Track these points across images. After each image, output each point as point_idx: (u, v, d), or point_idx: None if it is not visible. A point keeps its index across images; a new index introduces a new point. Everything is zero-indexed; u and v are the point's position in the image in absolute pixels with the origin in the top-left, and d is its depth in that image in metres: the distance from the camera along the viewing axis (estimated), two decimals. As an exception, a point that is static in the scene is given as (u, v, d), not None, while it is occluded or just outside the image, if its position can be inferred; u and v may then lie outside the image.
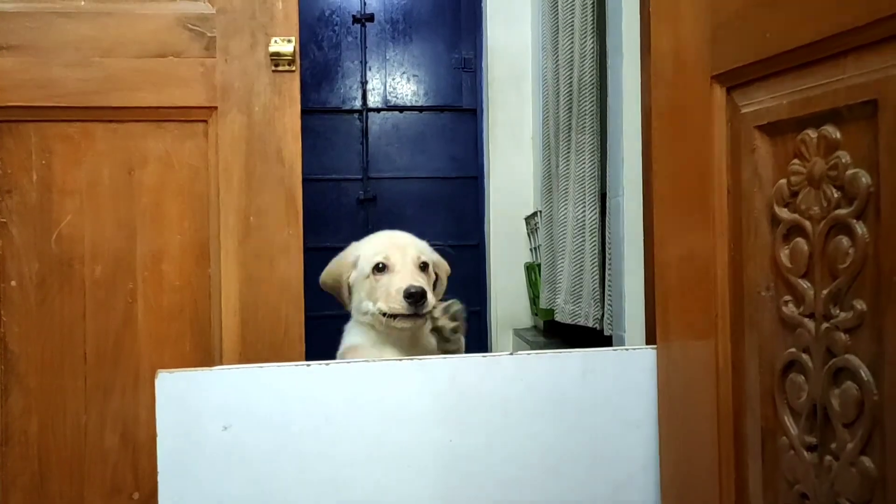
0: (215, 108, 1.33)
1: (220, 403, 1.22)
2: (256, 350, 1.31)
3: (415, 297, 1.33)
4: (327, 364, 1.26)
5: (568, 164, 2.80)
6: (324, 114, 4.08)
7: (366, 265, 1.40)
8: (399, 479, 1.26)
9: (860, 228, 0.90)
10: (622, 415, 1.34)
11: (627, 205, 2.12)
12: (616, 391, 1.34)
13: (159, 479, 1.20)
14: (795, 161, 1.00)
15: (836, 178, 0.93)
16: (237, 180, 1.32)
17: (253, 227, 1.32)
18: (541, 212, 3.26)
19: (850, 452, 0.92)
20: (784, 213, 1.03)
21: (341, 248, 1.52)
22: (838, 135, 0.94)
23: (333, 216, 3.97)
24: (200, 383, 1.21)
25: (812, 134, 0.97)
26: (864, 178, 0.90)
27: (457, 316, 1.42)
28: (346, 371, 1.25)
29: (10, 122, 1.25)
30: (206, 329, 1.30)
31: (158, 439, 1.20)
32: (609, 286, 2.32)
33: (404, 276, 1.38)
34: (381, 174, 4.05)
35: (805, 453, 0.99)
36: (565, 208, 2.82)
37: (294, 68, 1.34)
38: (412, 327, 1.39)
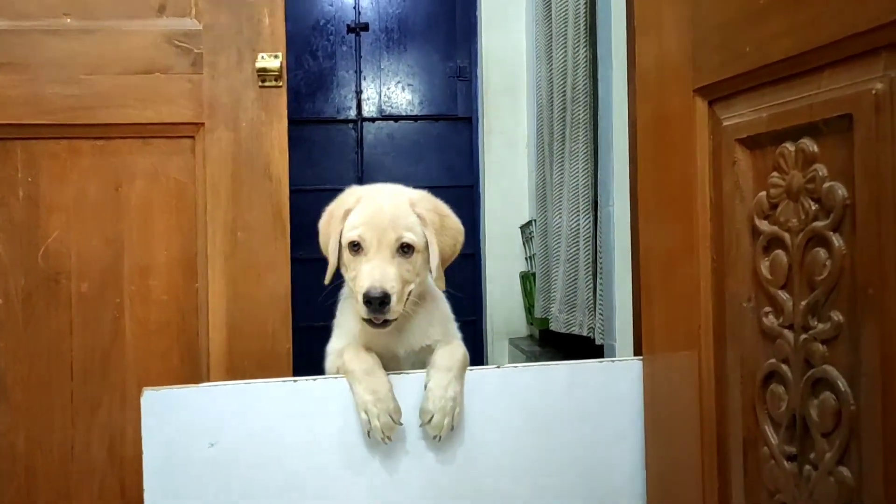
0: (202, 124, 1.36)
1: (207, 420, 1.24)
2: (244, 365, 1.33)
3: (373, 305, 1.19)
4: (314, 379, 1.28)
5: (562, 173, 2.83)
6: (318, 124, 4.10)
7: (346, 235, 1.27)
8: (386, 493, 1.28)
9: (837, 241, 0.93)
10: (609, 426, 1.36)
11: (618, 214, 2.15)
12: (602, 403, 1.36)
13: (145, 496, 1.22)
14: (774, 174, 1.03)
15: (814, 190, 0.96)
16: (224, 196, 1.34)
17: (240, 241, 1.35)
18: (535, 221, 3.29)
19: (829, 462, 0.94)
20: (764, 225, 1.05)
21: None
22: (815, 148, 0.97)
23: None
24: (186, 400, 1.23)
25: (790, 147, 1.00)
26: (841, 191, 0.92)
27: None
28: (332, 387, 1.28)
29: (-5, 139, 1.29)
30: (193, 343, 1.32)
31: (144, 457, 1.22)
32: (601, 295, 2.35)
33: (373, 267, 1.22)
34: (377, 184, 4.04)
35: (785, 463, 1.01)
36: (559, 217, 2.85)
37: (281, 84, 1.37)
38: (387, 332, 1.28)
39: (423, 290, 1.36)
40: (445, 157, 4.10)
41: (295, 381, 1.26)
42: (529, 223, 3.46)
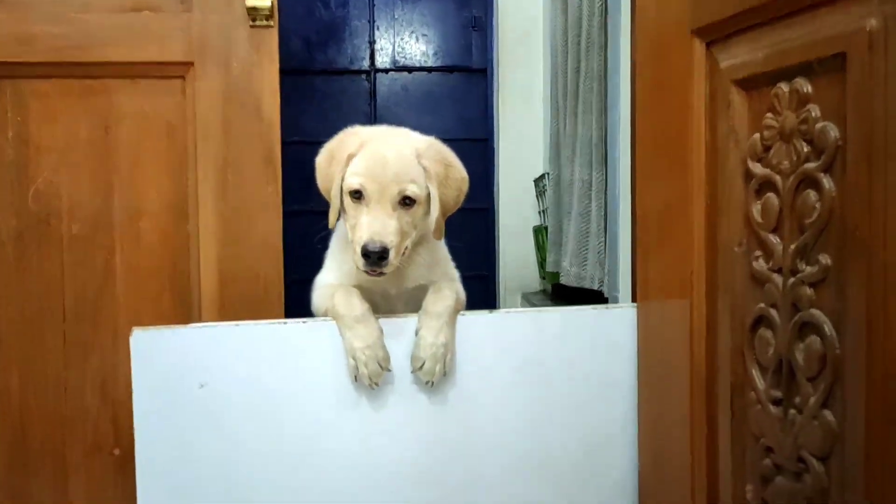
0: (192, 63, 1.36)
1: (197, 361, 1.26)
2: (236, 309, 1.35)
3: (371, 258, 1.20)
4: (304, 322, 1.30)
5: (575, 126, 2.81)
6: (331, 75, 4.08)
7: (347, 181, 1.26)
8: (375, 438, 1.31)
9: (827, 182, 0.93)
10: (602, 374, 1.37)
11: (625, 166, 2.15)
12: (596, 350, 1.37)
13: (136, 436, 1.26)
14: (769, 115, 1.03)
15: (807, 131, 0.96)
16: (215, 138, 1.35)
17: (231, 184, 1.36)
18: (549, 174, 3.28)
19: (813, 406, 0.96)
20: (757, 167, 1.05)
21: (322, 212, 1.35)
22: (809, 88, 0.96)
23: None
24: (176, 341, 1.26)
25: (784, 87, 1.00)
26: (833, 132, 0.92)
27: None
28: (322, 330, 1.29)
29: (-15, 78, 1.29)
30: (185, 287, 1.34)
31: (134, 397, 1.25)
32: (610, 249, 2.37)
33: (373, 220, 1.23)
34: None
35: (771, 407, 1.03)
36: (572, 170, 2.85)
37: (272, 23, 1.37)
38: (381, 280, 1.29)
39: (421, 234, 1.36)
40: (460, 109, 4.06)
41: (285, 323, 1.28)
42: (543, 176, 3.45)
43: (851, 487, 0.90)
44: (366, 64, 4.07)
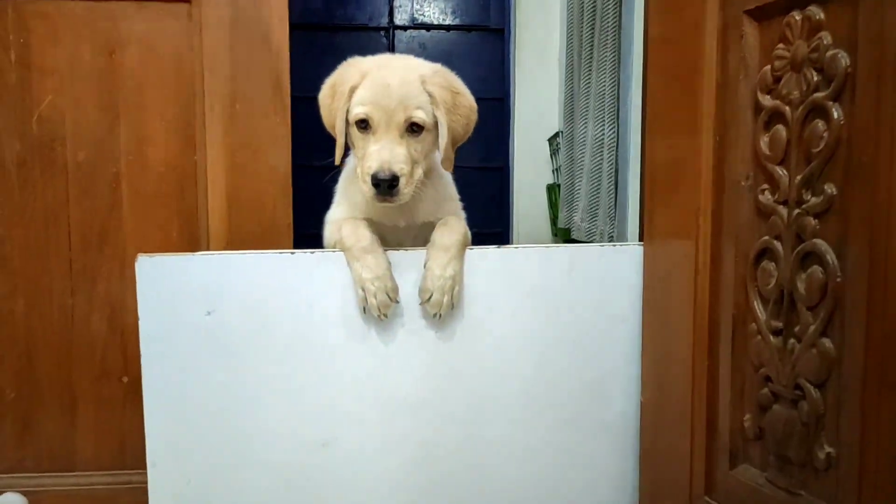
0: (198, -14, 1.36)
1: (204, 288, 1.30)
2: (243, 238, 1.39)
3: (381, 187, 1.22)
4: (312, 253, 1.34)
5: (589, 82, 2.84)
6: (350, 31, 4.12)
7: (352, 112, 1.27)
8: (381, 365, 1.35)
9: (836, 111, 0.96)
10: (608, 309, 1.42)
11: (634, 118, 2.18)
12: (602, 287, 1.41)
13: (142, 362, 1.31)
14: (780, 45, 1.05)
15: (817, 60, 0.99)
16: (222, 65, 1.37)
17: (239, 114, 1.38)
18: (562, 132, 3.31)
19: (812, 334, 1.00)
20: (766, 100, 1.08)
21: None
22: (822, 15, 0.99)
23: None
24: (182, 268, 1.30)
25: (797, 16, 1.02)
26: (843, 60, 0.95)
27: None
28: (330, 261, 1.33)
29: (-14, -2, 1.31)
30: (192, 215, 1.38)
31: (140, 324, 1.29)
32: (619, 203, 2.41)
33: (381, 148, 1.24)
34: None
35: (771, 338, 1.07)
36: (585, 127, 2.89)
37: (281, -54, 1.37)
38: (393, 206, 1.31)
39: (430, 166, 1.37)
40: (477, 68, 4.11)
41: (293, 253, 1.32)
42: (557, 135, 3.49)
43: (847, 412, 0.95)
44: (384, 21, 4.10)
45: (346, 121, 1.30)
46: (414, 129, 1.27)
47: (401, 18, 4.13)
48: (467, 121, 1.35)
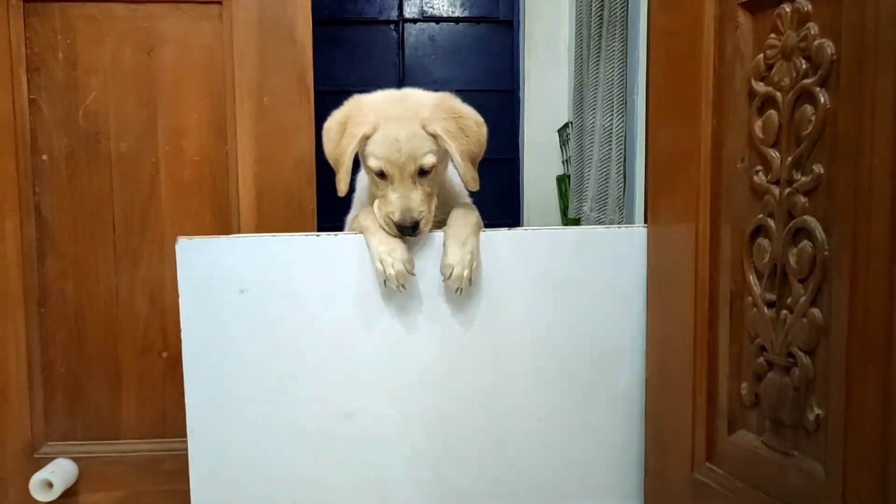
0: (228, -11, 1.44)
1: (237, 269, 1.37)
2: (272, 223, 1.46)
3: (405, 232, 1.36)
4: (335, 235, 1.40)
5: (597, 73, 2.86)
6: (360, 24, 4.14)
7: (369, 162, 1.38)
8: (402, 341, 1.42)
9: (822, 96, 1.01)
10: (614, 289, 1.47)
11: (640, 108, 2.22)
12: (608, 267, 1.46)
13: (182, 337, 1.38)
14: (772, 35, 1.10)
15: (806, 48, 1.03)
16: (251, 61, 1.44)
17: (266, 106, 1.45)
18: (572, 122, 3.32)
19: (803, 305, 1.05)
20: (760, 86, 1.13)
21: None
22: (809, 7, 1.04)
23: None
24: (218, 249, 1.37)
25: (787, 8, 1.07)
26: (829, 48, 0.99)
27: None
28: (352, 243, 1.39)
29: (35, 1, 1.38)
30: (224, 202, 1.45)
31: (181, 301, 1.37)
32: (627, 192, 2.45)
33: (399, 196, 1.37)
34: (417, 87, 4.06)
35: (765, 309, 1.12)
36: (594, 117, 2.91)
37: (305, -50, 1.44)
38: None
39: (440, 180, 1.46)
40: (486, 60, 4.11)
41: (318, 235, 1.39)
42: (566, 126, 3.49)
43: (835, 376, 1.00)
44: (394, 14, 4.12)
45: (357, 160, 1.39)
46: (423, 172, 1.38)
47: (410, 12, 4.14)
48: (477, 138, 1.43)
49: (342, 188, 1.38)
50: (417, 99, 1.44)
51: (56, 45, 1.41)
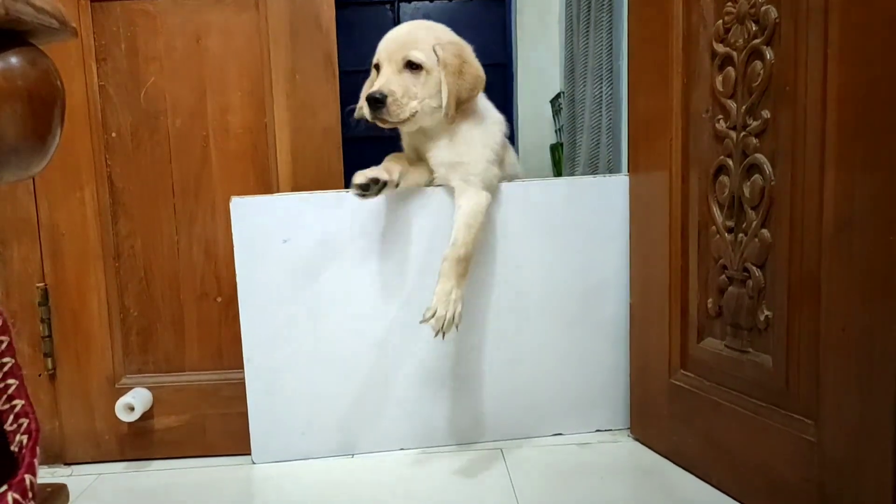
0: (264, -16, 1.55)
1: (280, 222, 1.50)
2: (305, 184, 1.57)
3: (371, 105, 1.32)
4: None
5: (587, 43, 2.88)
6: (357, 5, 4.09)
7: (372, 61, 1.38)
8: (421, 279, 1.54)
9: (769, 53, 1.11)
10: (600, 230, 1.58)
11: (626, 70, 2.29)
12: (596, 212, 1.58)
13: (238, 281, 1.51)
14: (729, 4, 1.21)
15: (755, 14, 1.14)
16: (283, 45, 1.55)
17: (298, 83, 1.56)
18: (563, 92, 3.34)
19: (755, 228, 1.16)
20: (720, 47, 1.23)
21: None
22: (757, -22, 1.14)
23: (370, 106, 4.05)
24: (264, 206, 1.49)
25: (739, -21, 1.17)
26: (773, 12, 1.10)
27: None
28: (375, 198, 1.51)
29: (99, 0, 1.50)
30: (265, 168, 1.57)
31: (235, 250, 1.50)
32: (616, 157, 2.51)
33: (381, 79, 1.35)
34: None
35: (726, 235, 1.24)
36: (584, 86, 2.93)
37: (326, -54, 1.55)
38: (391, 126, 1.40)
39: (471, 109, 1.46)
40: (480, 35, 4.09)
41: (347, 191, 1.50)
42: (558, 96, 3.49)
43: (780, 284, 1.12)
44: None
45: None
46: (412, 67, 1.36)
47: (405, -9, 4.06)
48: (472, 86, 1.42)
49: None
50: (446, 31, 1.44)
51: (119, 37, 1.53)
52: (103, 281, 1.56)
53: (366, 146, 1.68)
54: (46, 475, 1.56)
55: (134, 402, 1.52)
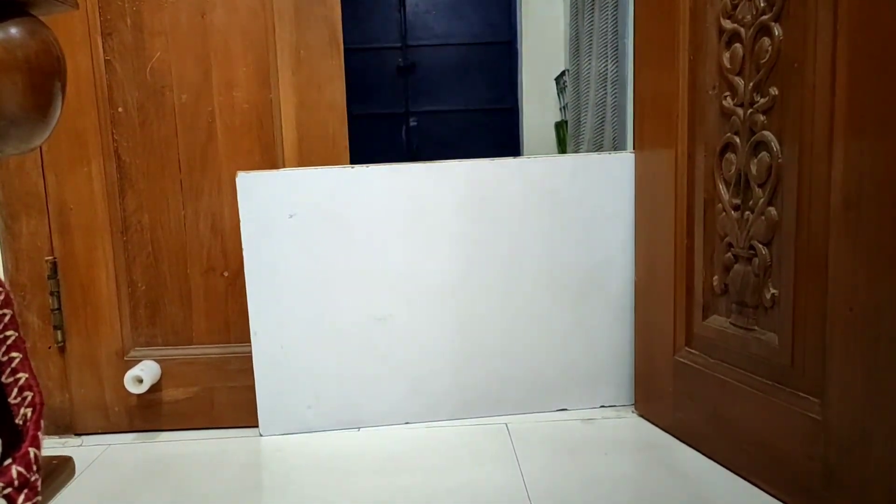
0: (268, -42, 1.52)
1: (287, 196, 1.49)
2: (311, 159, 1.56)
3: None
4: (367, 166, 1.51)
5: (592, 19, 2.87)
6: None
7: None
8: (425, 255, 1.53)
9: (777, 29, 1.09)
10: (606, 208, 1.57)
11: (631, 47, 2.27)
12: (601, 188, 1.56)
13: (244, 255, 1.50)
14: (737, -22, 1.17)
15: (764, -12, 1.11)
16: (288, 20, 1.52)
17: (303, 59, 1.54)
18: (568, 70, 3.33)
19: (761, 205, 1.15)
20: (727, 23, 1.21)
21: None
22: (766, -48, 1.11)
23: (375, 85, 4.02)
24: (271, 181, 1.48)
25: (748, -47, 1.14)
26: (782, -14, 1.07)
27: None
28: (382, 171, 1.50)
29: (104, -26, 1.48)
30: (270, 143, 1.55)
31: (242, 225, 1.49)
32: (621, 134, 2.50)
33: None
34: (419, 42, 4.08)
35: (732, 212, 1.22)
36: (589, 63, 2.92)
37: (331, -80, 1.51)
38: None
39: None
40: (485, 13, 4.06)
41: (352, 167, 1.49)
42: (563, 74, 3.48)
43: (786, 261, 1.11)
44: None
45: None
46: None
47: (409, -32, 4.08)
48: None
49: None
50: None
51: (124, 12, 1.50)
52: (111, 255, 1.55)
53: (372, 122, 1.66)
54: (57, 445, 1.57)
55: (143, 375, 1.52)
